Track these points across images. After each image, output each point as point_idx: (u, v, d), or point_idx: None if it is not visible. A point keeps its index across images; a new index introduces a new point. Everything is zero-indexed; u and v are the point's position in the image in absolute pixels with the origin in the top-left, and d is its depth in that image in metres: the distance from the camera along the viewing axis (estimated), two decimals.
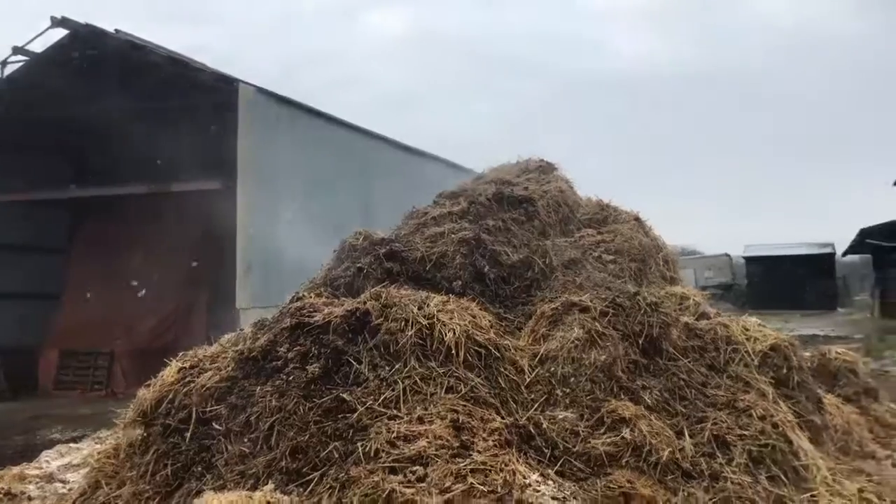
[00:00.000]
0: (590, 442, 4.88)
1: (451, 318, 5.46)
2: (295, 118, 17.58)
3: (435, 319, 5.38)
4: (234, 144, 15.55)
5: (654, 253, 8.03)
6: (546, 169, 9.81)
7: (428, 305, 5.57)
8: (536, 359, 5.62)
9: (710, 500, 4.59)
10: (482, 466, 4.43)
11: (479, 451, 4.55)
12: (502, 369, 5.43)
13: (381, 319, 5.40)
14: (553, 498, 4.39)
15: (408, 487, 4.29)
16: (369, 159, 20.35)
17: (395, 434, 4.64)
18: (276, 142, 16.64)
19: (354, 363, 5.20)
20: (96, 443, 7.62)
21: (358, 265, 6.82)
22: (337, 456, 4.61)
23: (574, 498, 4.46)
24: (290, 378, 5.14)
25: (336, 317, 5.47)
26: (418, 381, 5.05)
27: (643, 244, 7.98)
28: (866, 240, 29.63)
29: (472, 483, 4.29)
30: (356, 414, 4.83)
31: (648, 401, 5.31)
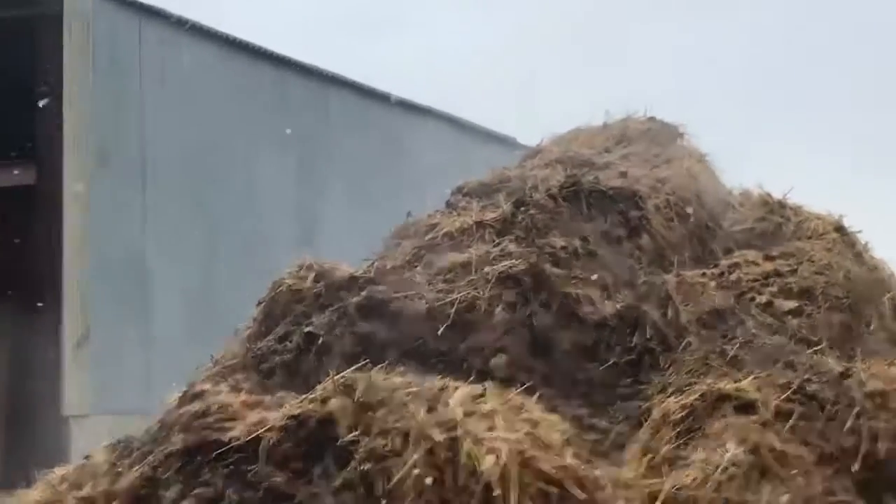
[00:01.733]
0: None
1: (490, 430, 5.50)
2: (174, 45, 17.88)
3: (460, 432, 5.42)
4: (58, 96, 15.82)
5: (877, 295, 8.08)
6: (661, 134, 9.97)
7: (446, 405, 5.61)
8: None
9: None
10: None
11: None
12: None
13: (358, 433, 5.46)
14: None
15: None
16: (319, 120, 20.62)
17: None
18: (139, 90, 16.91)
19: None
20: None
21: (307, 328, 6.90)
22: None
23: None
24: None
25: (270, 430, 5.53)
26: None
27: (854, 278, 8.04)
28: None
29: None
30: None
31: None
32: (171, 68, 17.75)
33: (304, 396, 5.87)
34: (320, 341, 6.79)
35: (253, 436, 5.55)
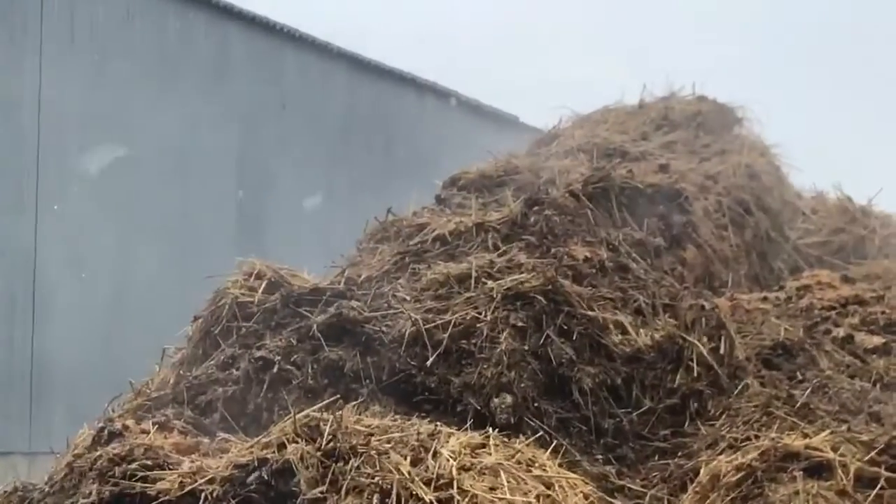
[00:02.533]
0: None
1: (492, 490, 5.51)
2: None
3: (455, 492, 5.43)
4: None
5: None
6: (714, 119, 10.00)
7: (436, 456, 5.62)
8: None
9: None
10: None
11: None
12: None
13: (323, 489, 5.46)
14: None
15: None
16: (269, 84, 20.57)
17: None
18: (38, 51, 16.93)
19: None
20: None
21: (258, 353, 6.91)
22: None
23: None
24: None
25: (210, 482, 5.53)
26: None
27: None
28: None
29: None
30: None
31: None
32: (79, 25, 17.70)
33: (254, 440, 5.84)
34: (275, 370, 6.75)
35: (188, 489, 5.52)
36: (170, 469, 5.69)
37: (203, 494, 5.51)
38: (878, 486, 5.93)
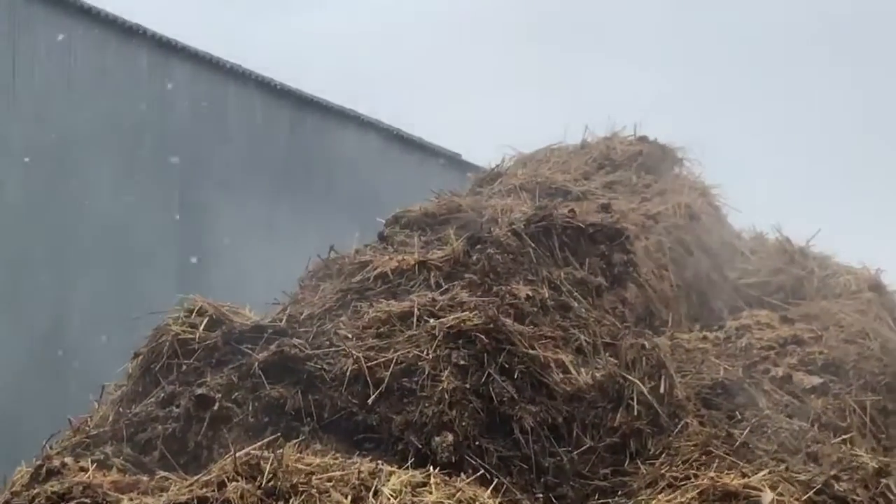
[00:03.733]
0: None
1: None
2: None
3: None
4: None
5: None
6: (655, 159, 10.07)
7: (378, 495, 5.63)
8: None
9: None
10: None
11: None
12: None
13: None
14: None
15: None
16: (212, 118, 20.57)
17: None
18: None
19: None
20: None
21: (198, 390, 6.89)
22: None
23: None
24: None
25: None
26: None
27: (894, 349, 8.16)
28: None
29: None
30: None
31: None
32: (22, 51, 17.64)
33: (194, 478, 5.82)
34: (216, 407, 6.74)
35: None
36: None
37: None
38: None
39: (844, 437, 7.29)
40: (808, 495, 6.09)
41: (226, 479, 5.67)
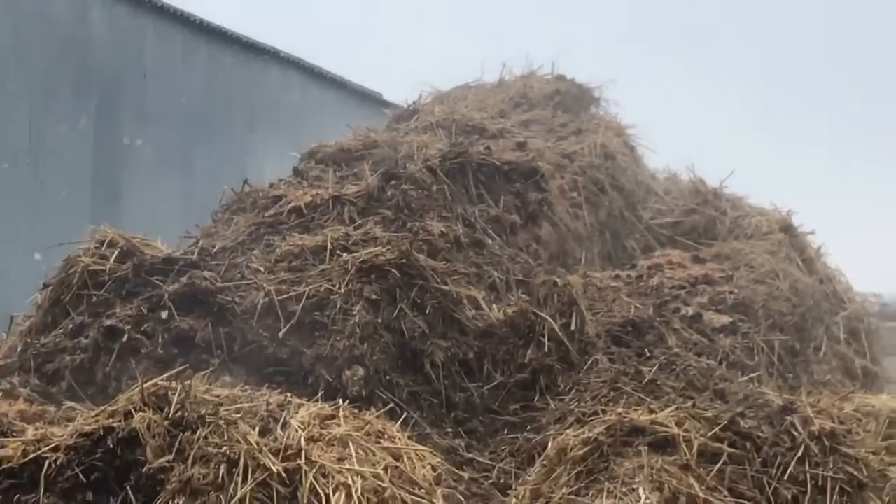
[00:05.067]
0: None
1: (340, 461, 5.49)
2: None
3: (303, 462, 5.42)
4: None
5: (828, 312, 8.31)
6: (572, 98, 10.07)
7: (285, 427, 5.61)
8: None
9: None
10: None
11: None
12: None
13: (170, 459, 5.42)
14: None
15: None
16: (128, 56, 20.33)
17: None
18: None
19: None
20: None
21: (107, 321, 6.84)
22: None
23: None
24: None
25: (54, 451, 5.44)
26: None
27: (803, 290, 8.26)
28: None
29: None
30: None
31: None
32: None
33: (100, 409, 5.73)
34: (125, 339, 6.70)
35: (31, 457, 5.40)
36: (13, 437, 5.58)
37: (47, 463, 5.42)
38: (721, 461, 6.03)
39: (752, 375, 7.36)
40: (713, 432, 6.11)
41: (133, 410, 5.60)
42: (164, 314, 6.85)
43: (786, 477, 6.00)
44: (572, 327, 7.32)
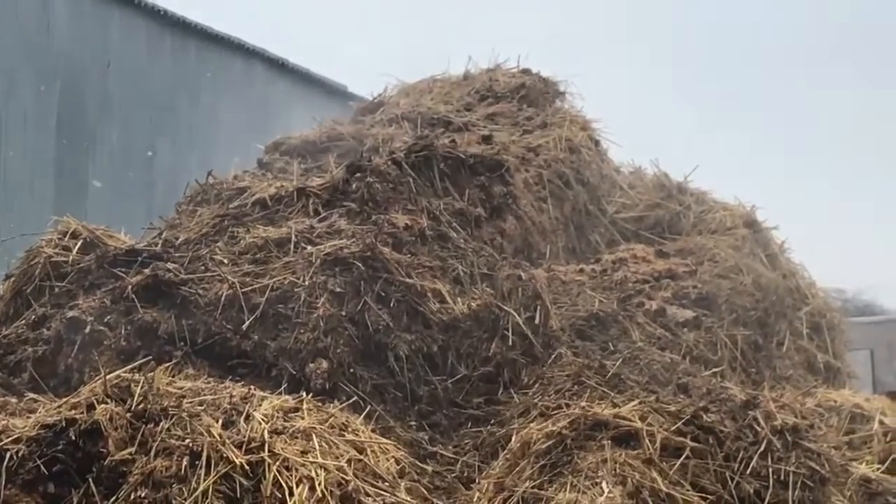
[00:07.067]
0: None
1: (303, 454, 5.49)
2: None
3: (266, 455, 5.41)
4: None
5: (792, 307, 8.34)
6: (536, 92, 10.07)
7: (249, 419, 5.60)
8: None
9: None
10: None
11: None
12: None
13: (132, 451, 5.40)
14: None
15: None
16: (93, 48, 20.25)
17: None
18: None
19: None
20: None
21: (70, 313, 6.80)
22: None
23: None
24: None
25: (16, 442, 5.41)
26: None
27: (766, 285, 8.29)
28: None
29: None
30: None
31: None
32: None
33: (62, 400, 5.73)
34: (87, 330, 6.66)
35: None
36: None
37: (8, 454, 5.39)
38: (684, 455, 6.05)
39: (715, 370, 7.39)
40: (676, 426, 6.14)
41: (95, 402, 5.59)
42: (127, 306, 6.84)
43: (748, 471, 6.04)
44: (536, 321, 7.33)
